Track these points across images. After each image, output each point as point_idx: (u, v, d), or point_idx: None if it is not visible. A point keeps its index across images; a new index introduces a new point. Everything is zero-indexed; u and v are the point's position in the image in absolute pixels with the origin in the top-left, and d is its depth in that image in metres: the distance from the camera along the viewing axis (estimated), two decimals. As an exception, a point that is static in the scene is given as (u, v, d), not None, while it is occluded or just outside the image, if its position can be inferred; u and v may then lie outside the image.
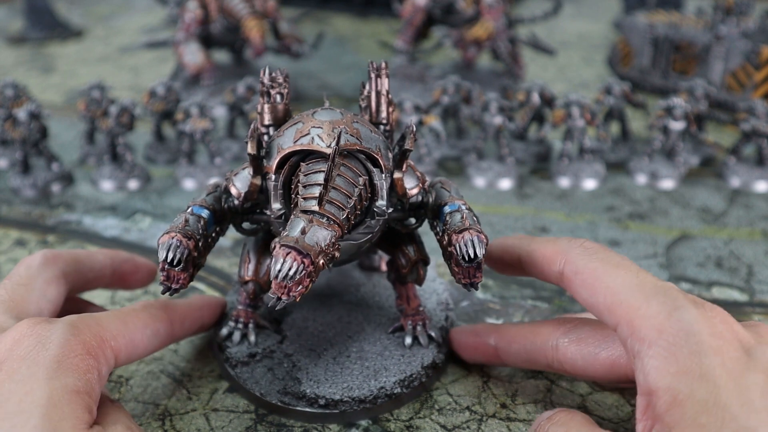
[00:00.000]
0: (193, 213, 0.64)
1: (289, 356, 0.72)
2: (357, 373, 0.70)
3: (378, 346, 0.73)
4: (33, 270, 0.66)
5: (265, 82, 0.67)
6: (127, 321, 0.62)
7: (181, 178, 1.17)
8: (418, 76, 1.58)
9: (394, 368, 0.70)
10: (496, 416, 0.68)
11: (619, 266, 0.59)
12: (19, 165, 1.15)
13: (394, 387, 0.69)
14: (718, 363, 0.51)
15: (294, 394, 0.68)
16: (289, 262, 0.52)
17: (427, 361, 0.72)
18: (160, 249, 0.60)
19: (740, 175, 1.18)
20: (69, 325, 0.57)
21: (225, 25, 1.49)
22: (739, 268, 0.94)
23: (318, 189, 0.57)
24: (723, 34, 1.50)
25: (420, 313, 0.75)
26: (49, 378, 0.52)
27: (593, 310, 0.59)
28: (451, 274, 0.64)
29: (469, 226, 0.62)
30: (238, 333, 0.73)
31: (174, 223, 0.63)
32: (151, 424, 0.67)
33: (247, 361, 0.71)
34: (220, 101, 1.38)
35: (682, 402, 0.50)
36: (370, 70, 0.69)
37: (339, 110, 0.64)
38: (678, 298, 0.55)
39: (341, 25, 2.30)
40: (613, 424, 0.67)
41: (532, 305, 0.86)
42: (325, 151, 0.60)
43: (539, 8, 2.29)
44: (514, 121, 1.23)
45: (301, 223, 0.54)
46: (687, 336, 0.52)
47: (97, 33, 2.18)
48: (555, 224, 1.06)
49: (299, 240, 0.53)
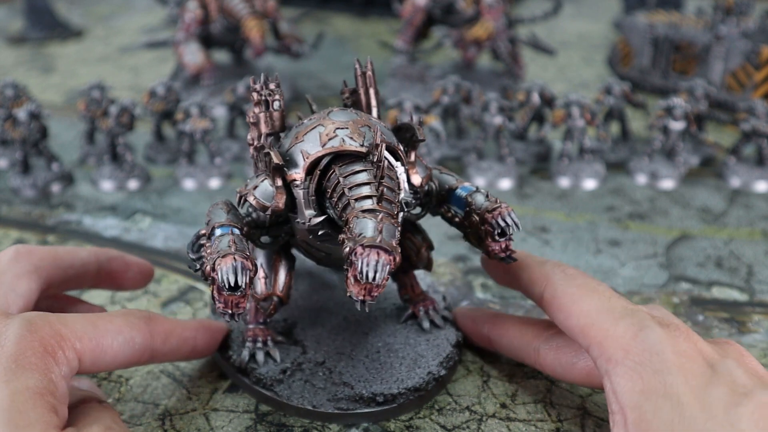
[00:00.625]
0: (233, 233, 0.61)
1: (321, 364, 0.71)
2: (398, 365, 0.70)
3: (399, 336, 0.74)
4: (3, 264, 0.65)
5: (262, 91, 0.66)
6: (97, 324, 0.58)
7: (181, 178, 1.17)
8: (418, 76, 1.58)
9: (429, 353, 0.72)
10: (495, 416, 0.68)
11: (594, 291, 0.62)
12: (19, 165, 1.15)
13: (439, 369, 0.70)
14: (682, 380, 0.52)
15: (349, 398, 0.67)
16: (378, 261, 0.52)
17: (453, 339, 0.74)
18: (223, 274, 0.56)
19: (740, 175, 1.18)
20: (25, 321, 0.54)
21: (225, 25, 1.49)
22: (739, 268, 0.94)
23: (367, 188, 0.57)
24: (723, 34, 1.50)
25: (427, 298, 0.77)
26: (8, 380, 0.49)
27: (569, 332, 0.62)
28: (484, 250, 0.67)
29: (500, 203, 0.66)
30: (261, 353, 0.70)
31: (218, 246, 0.59)
32: (151, 423, 0.67)
33: (281, 378, 0.69)
34: (220, 101, 1.38)
35: (649, 420, 0.52)
36: (357, 69, 0.70)
37: (351, 110, 0.64)
38: (645, 319, 0.57)
39: (341, 25, 2.30)
40: (613, 424, 0.67)
41: (532, 305, 0.86)
42: (361, 150, 0.60)
43: (539, 8, 2.29)
44: (514, 121, 1.23)
45: (371, 223, 0.54)
46: (651, 355, 0.54)
47: (97, 33, 2.18)
48: (555, 224, 1.06)
49: (381, 239, 0.52)
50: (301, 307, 0.79)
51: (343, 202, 0.57)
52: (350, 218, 0.55)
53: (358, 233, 0.53)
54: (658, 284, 0.91)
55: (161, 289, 0.89)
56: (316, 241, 0.63)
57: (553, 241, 1.01)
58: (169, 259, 0.96)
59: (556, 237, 1.02)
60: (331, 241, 0.62)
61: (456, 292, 0.88)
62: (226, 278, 0.56)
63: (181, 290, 0.89)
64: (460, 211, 0.68)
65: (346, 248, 0.53)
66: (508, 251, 0.66)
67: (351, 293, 0.54)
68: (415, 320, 0.76)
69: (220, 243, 0.59)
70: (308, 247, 0.68)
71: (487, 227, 0.65)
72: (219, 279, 0.56)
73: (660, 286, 0.90)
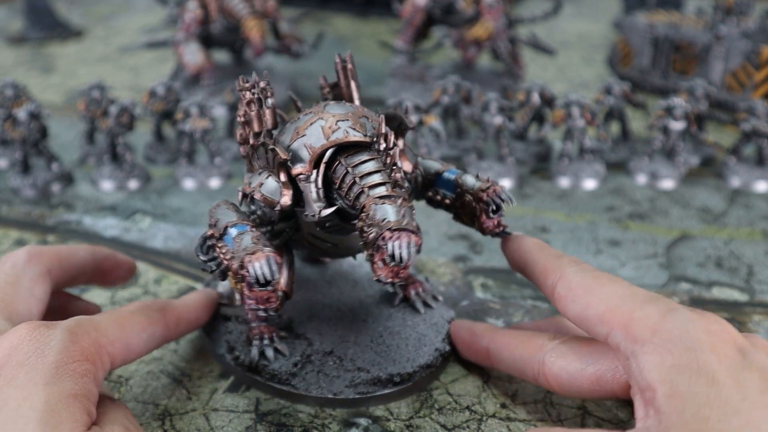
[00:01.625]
0: (251, 230, 0.62)
1: (329, 353, 0.72)
2: (405, 346, 0.72)
3: (396, 319, 0.76)
4: (18, 268, 0.66)
5: (254, 90, 0.67)
6: (125, 325, 0.62)
7: (181, 178, 1.17)
8: (418, 76, 1.58)
9: (430, 331, 0.75)
10: (496, 416, 0.68)
11: (613, 281, 0.61)
12: (19, 165, 1.15)
13: (444, 345, 0.73)
14: (715, 359, 0.51)
15: (368, 381, 0.68)
16: (408, 242, 0.54)
17: (448, 316, 0.77)
18: (257, 270, 0.58)
19: (740, 175, 1.18)
20: (68, 332, 0.57)
21: (225, 25, 1.49)
22: (739, 268, 0.94)
23: (377, 176, 0.59)
24: (723, 34, 1.50)
25: (416, 280, 0.79)
26: (47, 383, 0.52)
27: (584, 323, 0.60)
28: (478, 228, 0.70)
29: (491, 181, 0.69)
30: (270, 349, 0.71)
31: (241, 243, 0.60)
32: (151, 424, 0.67)
33: (294, 371, 0.70)
34: (220, 101, 1.38)
35: (682, 394, 0.50)
36: (338, 62, 0.71)
37: (345, 103, 0.66)
38: (671, 302, 0.56)
39: (341, 25, 2.30)
40: (613, 425, 0.67)
41: (532, 305, 0.86)
42: (365, 140, 0.61)
43: (539, 8, 2.29)
44: (514, 121, 1.23)
45: (392, 208, 0.56)
46: (681, 333, 0.53)
47: (97, 33, 2.18)
48: (555, 224, 1.06)
49: (407, 222, 0.55)
50: (292, 303, 0.79)
51: (356, 191, 0.59)
52: (367, 205, 0.57)
53: (380, 219, 0.55)
54: (659, 284, 0.91)
55: (161, 290, 0.89)
56: (323, 233, 0.64)
57: (553, 241, 1.01)
58: (169, 259, 0.96)
59: (557, 237, 1.02)
60: (339, 231, 0.64)
61: (456, 292, 0.88)
62: (260, 273, 0.57)
63: (181, 290, 0.89)
64: (449, 194, 0.71)
65: (370, 234, 0.55)
66: (500, 227, 0.70)
67: (380, 277, 0.56)
68: (407, 303, 0.78)
69: (242, 241, 0.60)
70: (314, 240, 0.68)
71: (481, 205, 0.68)
72: (252, 275, 0.58)
73: (660, 286, 0.90)
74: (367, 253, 0.57)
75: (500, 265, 0.94)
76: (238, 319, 0.76)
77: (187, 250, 0.98)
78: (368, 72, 1.78)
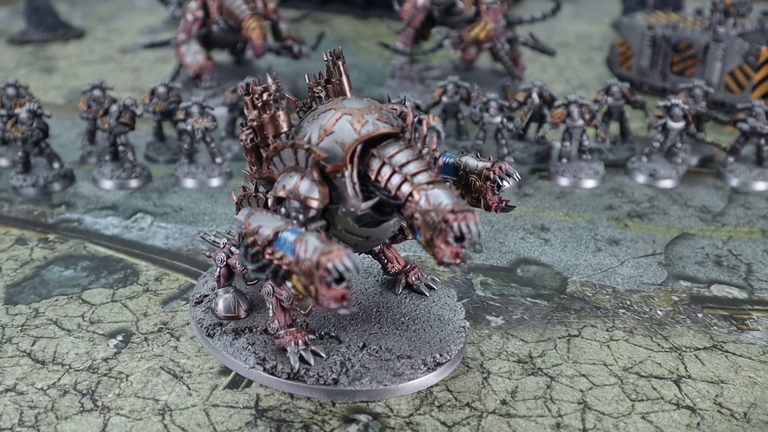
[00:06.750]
0: (310, 231, 0.59)
1: (364, 348, 0.72)
2: (431, 328, 0.75)
3: (408, 305, 0.78)
4: None
5: (267, 93, 0.67)
6: None
7: (182, 178, 1.18)
8: (418, 76, 1.58)
9: (445, 312, 0.77)
10: (496, 413, 0.68)
11: None
12: (20, 164, 1.15)
13: (465, 322, 0.76)
14: None
15: (414, 367, 0.70)
16: (473, 221, 0.56)
17: (453, 295, 0.81)
18: (339, 266, 0.55)
19: (739, 174, 1.18)
20: None
21: (226, 26, 1.50)
22: (738, 267, 0.95)
23: (415, 164, 0.60)
24: (721, 35, 1.51)
25: (414, 265, 0.82)
26: None
27: None
28: (484, 205, 0.71)
29: (493, 160, 0.70)
30: (310, 354, 0.69)
31: (308, 245, 0.57)
32: (151, 419, 0.67)
33: (339, 370, 0.69)
34: (221, 101, 1.39)
35: None
36: (329, 59, 0.71)
37: (358, 97, 0.67)
38: None
39: (341, 26, 2.30)
40: (613, 419, 0.67)
41: (531, 302, 0.86)
42: (395, 131, 0.63)
43: (539, 9, 2.30)
44: (514, 121, 1.24)
45: (443, 191, 0.58)
46: None
47: (99, 34, 2.18)
48: (554, 223, 1.06)
49: (463, 203, 0.57)
50: None
51: (396, 180, 0.60)
52: (415, 192, 0.58)
53: (436, 203, 0.57)
54: (658, 282, 0.91)
55: (162, 288, 0.89)
56: (358, 227, 0.66)
57: (553, 239, 1.01)
58: (170, 257, 0.96)
59: (556, 236, 1.02)
60: (372, 224, 0.65)
61: (456, 291, 0.89)
62: (343, 269, 0.55)
63: (182, 288, 0.89)
64: (450, 177, 0.73)
65: (428, 219, 0.56)
66: (503, 202, 0.71)
67: (444, 258, 0.57)
68: (411, 289, 0.81)
69: (308, 243, 0.57)
70: (344, 235, 0.68)
71: (489, 183, 0.70)
72: (334, 272, 0.55)
73: (659, 284, 0.91)
74: (424, 239, 0.58)
75: (500, 264, 0.95)
76: (252, 330, 0.75)
77: (187, 249, 0.98)
78: (368, 72, 1.78)
